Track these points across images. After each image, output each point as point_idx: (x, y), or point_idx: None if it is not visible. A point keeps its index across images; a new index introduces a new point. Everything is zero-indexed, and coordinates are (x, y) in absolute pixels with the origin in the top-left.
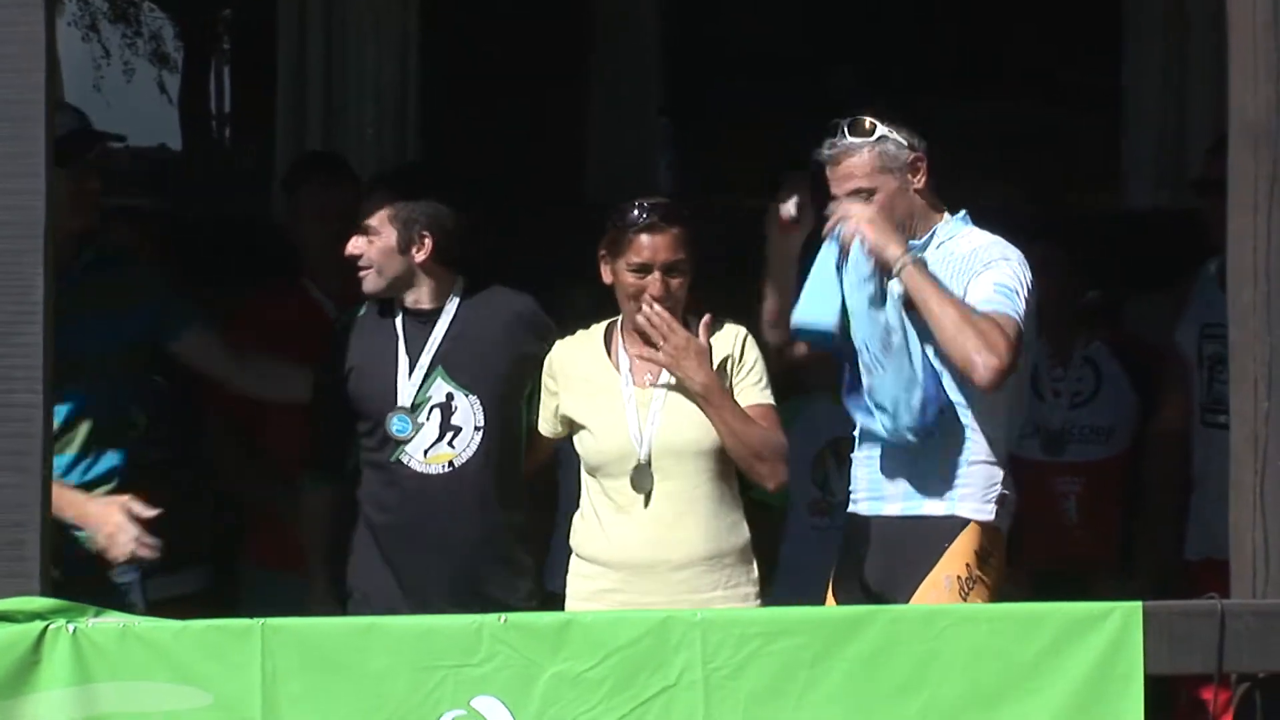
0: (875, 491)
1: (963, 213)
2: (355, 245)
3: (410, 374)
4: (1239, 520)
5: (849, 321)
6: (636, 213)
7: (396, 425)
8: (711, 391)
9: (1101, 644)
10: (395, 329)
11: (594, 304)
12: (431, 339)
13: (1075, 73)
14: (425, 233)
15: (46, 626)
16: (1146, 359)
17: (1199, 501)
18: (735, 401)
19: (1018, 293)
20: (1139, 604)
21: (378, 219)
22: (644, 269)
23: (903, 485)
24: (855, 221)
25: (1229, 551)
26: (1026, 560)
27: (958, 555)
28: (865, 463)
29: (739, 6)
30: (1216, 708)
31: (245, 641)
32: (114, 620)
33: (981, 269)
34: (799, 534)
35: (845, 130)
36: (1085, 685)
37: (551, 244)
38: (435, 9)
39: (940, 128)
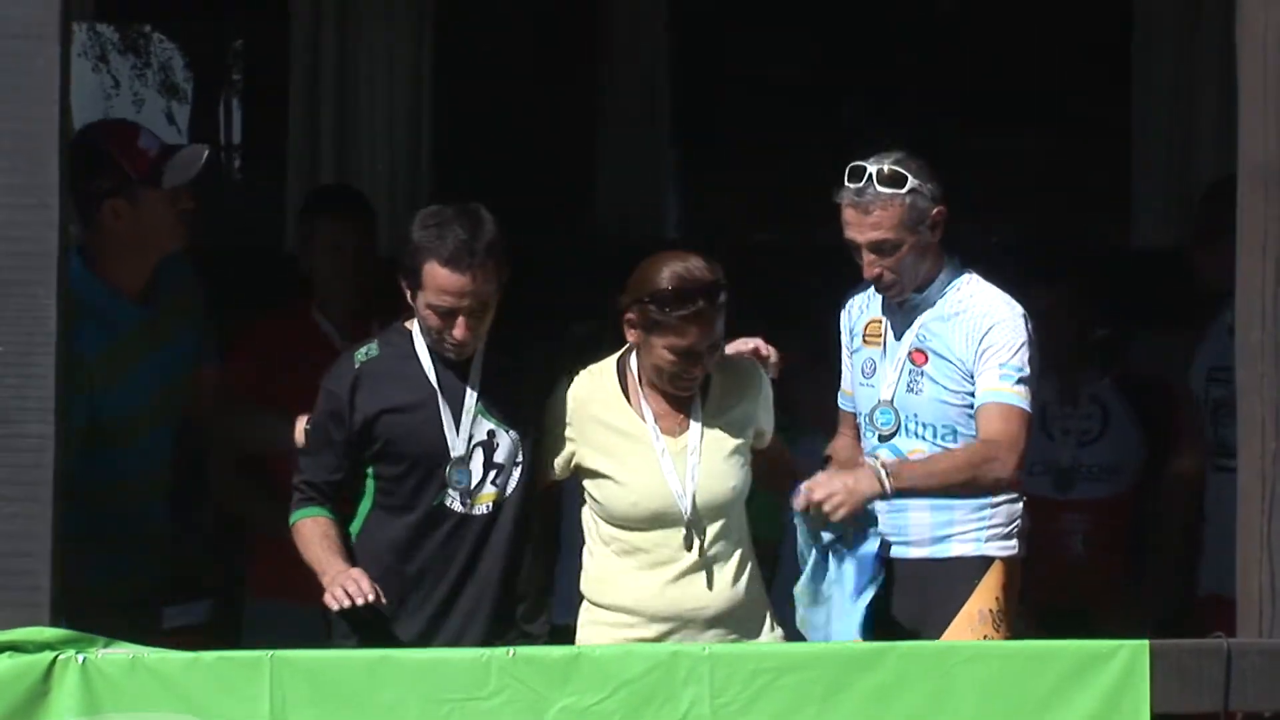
0: (901, 536)
1: (956, 261)
2: (462, 331)
3: (457, 423)
4: (1246, 560)
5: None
6: (681, 299)
7: (458, 477)
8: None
9: (1109, 681)
10: (427, 373)
11: (593, 338)
12: (469, 382)
13: (1085, 109)
14: (497, 294)
15: (56, 657)
16: (1154, 398)
17: (1209, 540)
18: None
19: (1022, 369)
20: (1146, 642)
21: (488, 293)
22: (687, 354)
23: (928, 530)
24: (829, 503)
25: (1238, 590)
26: (1034, 596)
27: (988, 590)
28: (891, 512)
29: (748, 37)
30: None
31: (255, 673)
32: (123, 651)
33: (986, 343)
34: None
35: (876, 179)
36: (1097, 715)
37: (556, 277)
38: (448, 43)
39: (950, 159)
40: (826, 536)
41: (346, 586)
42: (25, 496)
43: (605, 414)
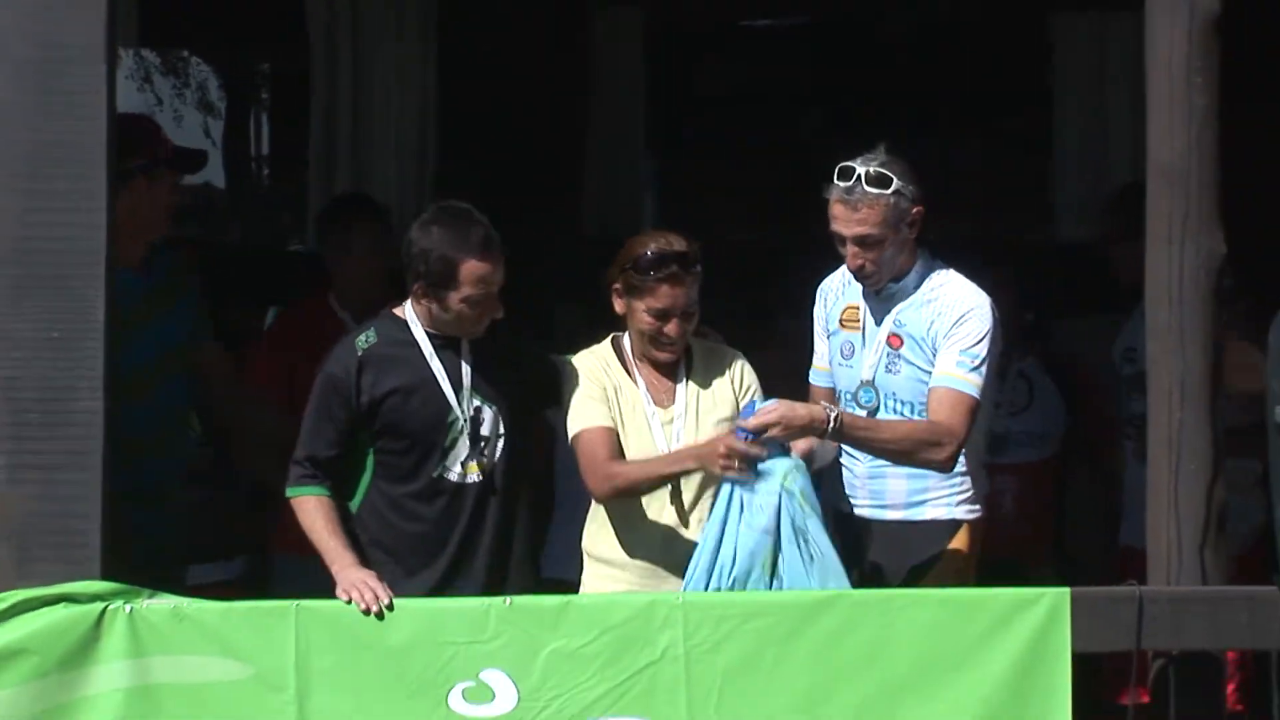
0: (879, 501)
1: (927, 254)
2: (500, 308)
3: (458, 399)
4: (1155, 517)
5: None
6: (658, 262)
7: (456, 450)
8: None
9: (1034, 624)
10: (427, 357)
11: (585, 322)
12: (462, 363)
13: (1011, 122)
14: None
15: (106, 607)
16: (1074, 375)
17: (1125, 499)
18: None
19: (979, 357)
20: (1067, 590)
21: (502, 273)
22: (664, 315)
23: (904, 496)
24: (771, 435)
25: (1148, 543)
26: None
27: (960, 549)
28: (868, 478)
29: (716, 62)
30: (1135, 681)
31: (281, 621)
32: (166, 602)
33: (952, 329)
34: None
35: (864, 180)
36: (1020, 661)
37: (550, 269)
38: (449, 65)
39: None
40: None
41: (364, 595)
42: (77, 465)
43: (615, 379)
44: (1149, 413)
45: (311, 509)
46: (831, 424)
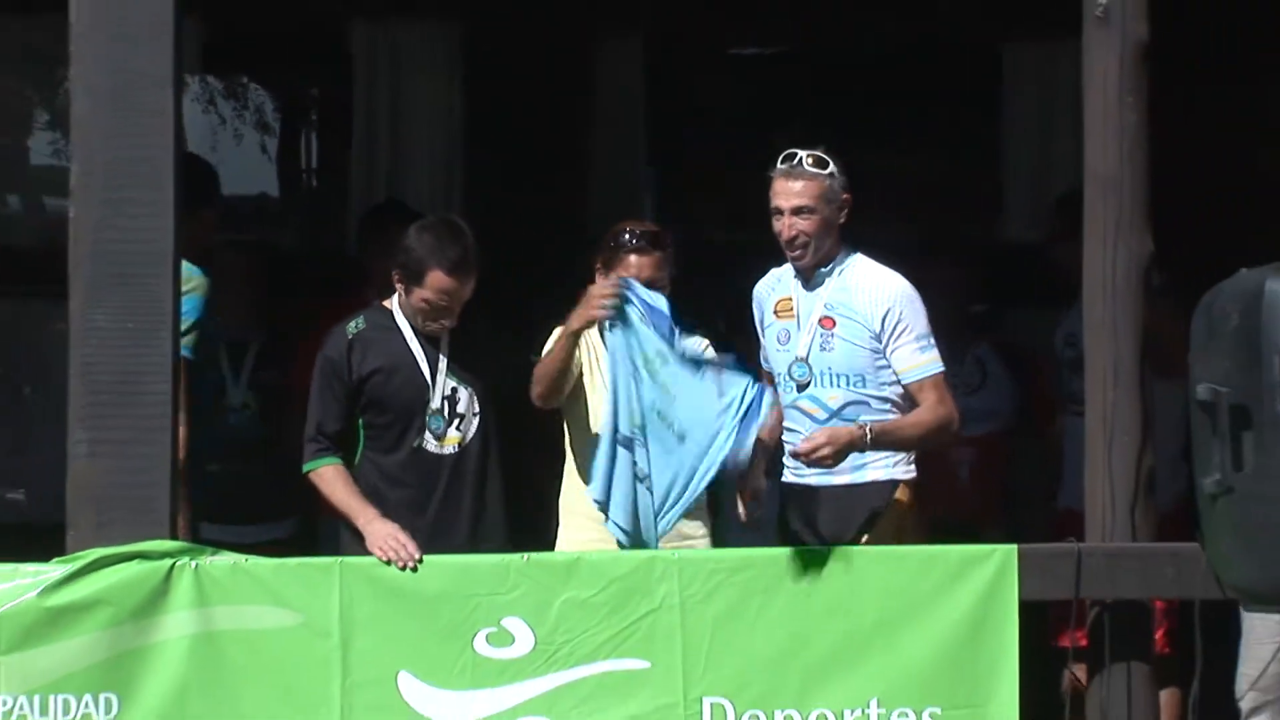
0: (822, 469)
1: (849, 246)
2: (454, 319)
3: (433, 380)
4: (1092, 482)
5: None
6: (628, 237)
7: (434, 424)
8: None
9: (986, 577)
10: (408, 342)
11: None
12: (440, 350)
13: (966, 135)
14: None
15: (174, 563)
16: (1022, 359)
17: (1066, 468)
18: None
19: (927, 334)
20: (1015, 546)
21: (469, 290)
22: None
23: (847, 463)
24: (823, 457)
25: (1085, 505)
26: (930, 514)
27: (900, 504)
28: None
29: (706, 80)
30: (1074, 626)
31: (327, 575)
32: (227, 558)
33: (899, 323)
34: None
35: (805, 160)
36: (974, 609)
37: (559, 267)
38: (475, 89)
39: (864, 175)
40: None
41: (398, 552)
42: (148, 441)
43: (588, 343)
44: (1086, 392)
45: (330, 477)
46: (869, 435)
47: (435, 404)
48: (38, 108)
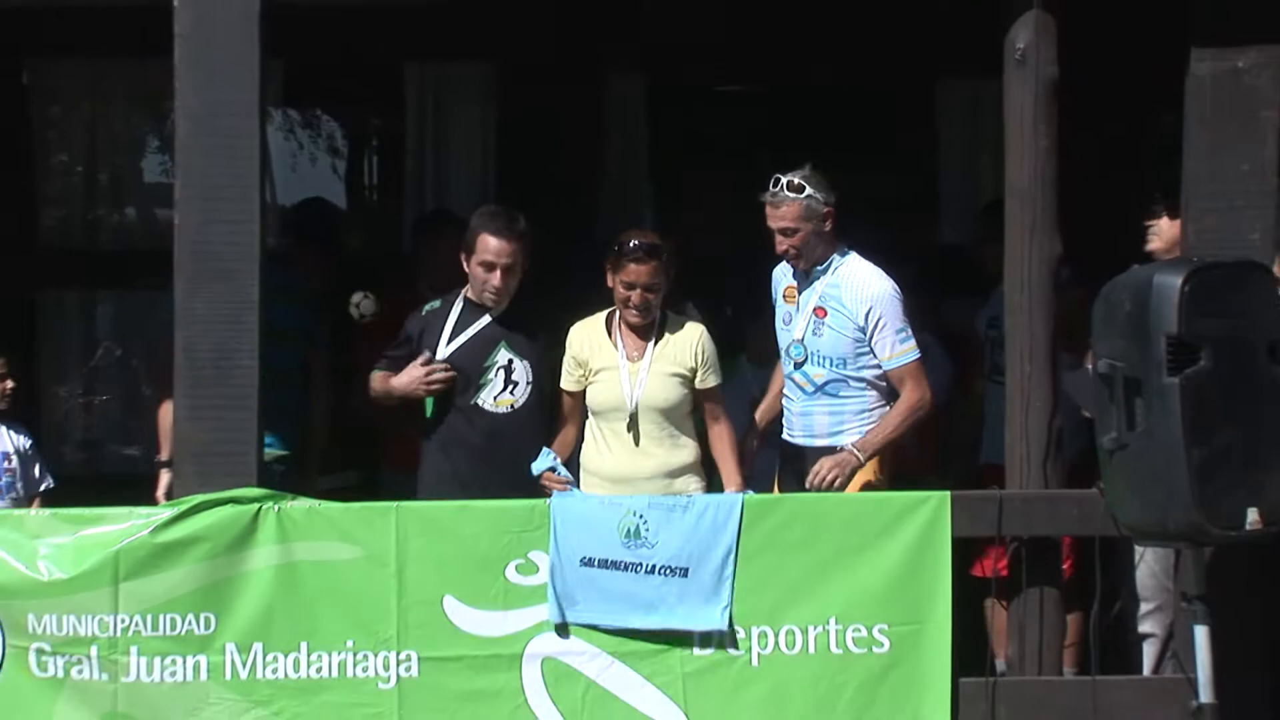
0: (808, 431)
1: (844, 246)
2: (498, 280)
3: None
4: (1011, 441)
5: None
6: (631, 247)
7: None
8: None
9: (925, 518)
10: (472, 320)
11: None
12: (499, 325)
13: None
14: (524, 267)
15: (261, 506)
16: (956, 342)
17: (988, 428)
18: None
19: (905, 326)
20: (948, 493)
21: (515, 259)
22: (631, 286)
23: (826, 428)
24: (834, 479)
25: (1005, 459)
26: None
27: (872, 464)
28: (800, 414)
29: (697, 112)
30: (996, 558)
31: (386, 516)
32: (303, 502)
33: (880, 319)
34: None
35: (785, 187)
36: (915, 543)
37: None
38: (506, 119)
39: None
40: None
41: (429, 382)
42: (239, 406)
43: (597, 343)
44: (1007, 366)
45: (380, 376)
46: (860, 456)
47: (494, 370)
48: (149, 134)
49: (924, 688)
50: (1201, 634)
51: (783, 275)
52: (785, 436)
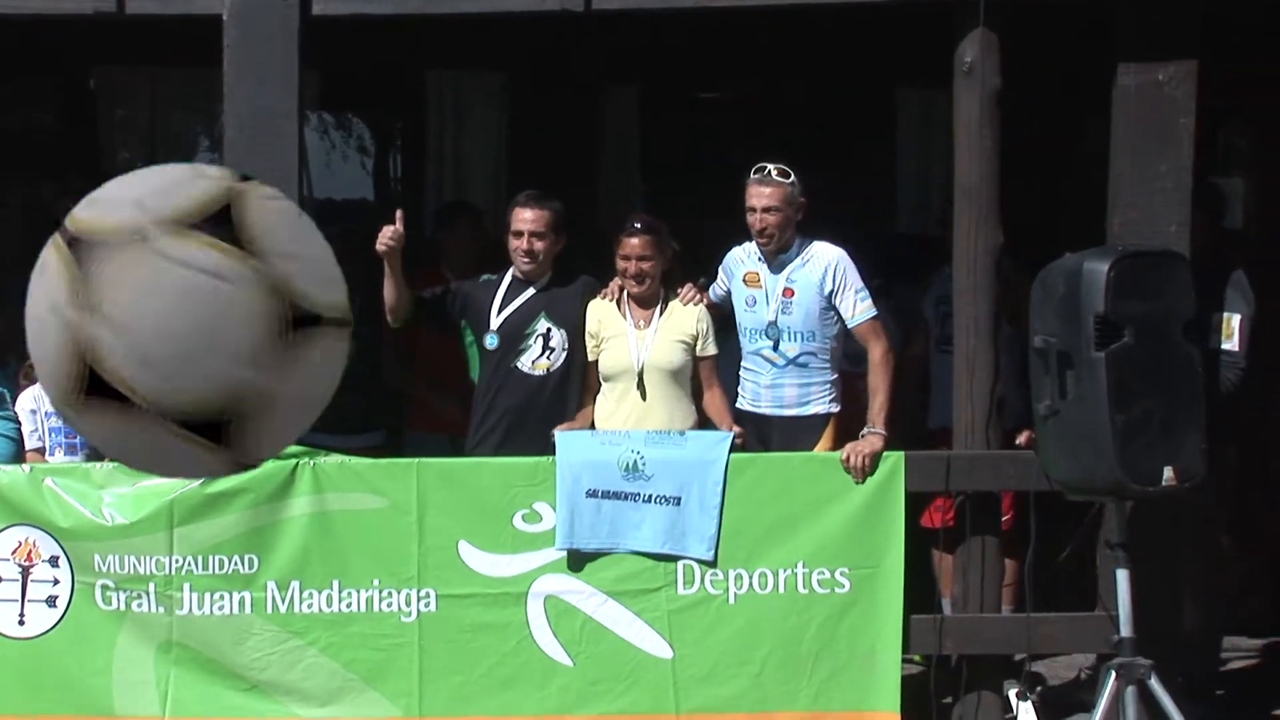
0: (777, 402)
1: (807, 238)
2: (526, 244)
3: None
4: (958, 406)
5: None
6: (628, 224)
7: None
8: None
9: (882, 475)
10: (519, 293)
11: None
12: (538, 297)
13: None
14: (559, 237)
15: (298, 461)
16: (907, 316)
17: (934, 395)
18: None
19: (863, 286)
20: (902, 453)
21: (543, 227)
22: (627, 258)
23: (795, 398)
24: (870, 456)
25: (953, 423)
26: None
27: (831, 430)
28: (770, 386)
29: (684, 116)
30: (944, 510)
31: (408, 471)
32: (336, 459)
33: (841, 278)
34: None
35: (773, 171)
36: (874, 497)
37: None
38: (517, 120)
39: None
40: None
41: (383, 236)
42: None
43: (609, 316)
44: (954, 340)
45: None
46: (883, 432)
47: (532, 336)
48: (201, 135)
49: (880, 623)
50: (1123, 576)
51: (740, 261)
52: (749, 408)
